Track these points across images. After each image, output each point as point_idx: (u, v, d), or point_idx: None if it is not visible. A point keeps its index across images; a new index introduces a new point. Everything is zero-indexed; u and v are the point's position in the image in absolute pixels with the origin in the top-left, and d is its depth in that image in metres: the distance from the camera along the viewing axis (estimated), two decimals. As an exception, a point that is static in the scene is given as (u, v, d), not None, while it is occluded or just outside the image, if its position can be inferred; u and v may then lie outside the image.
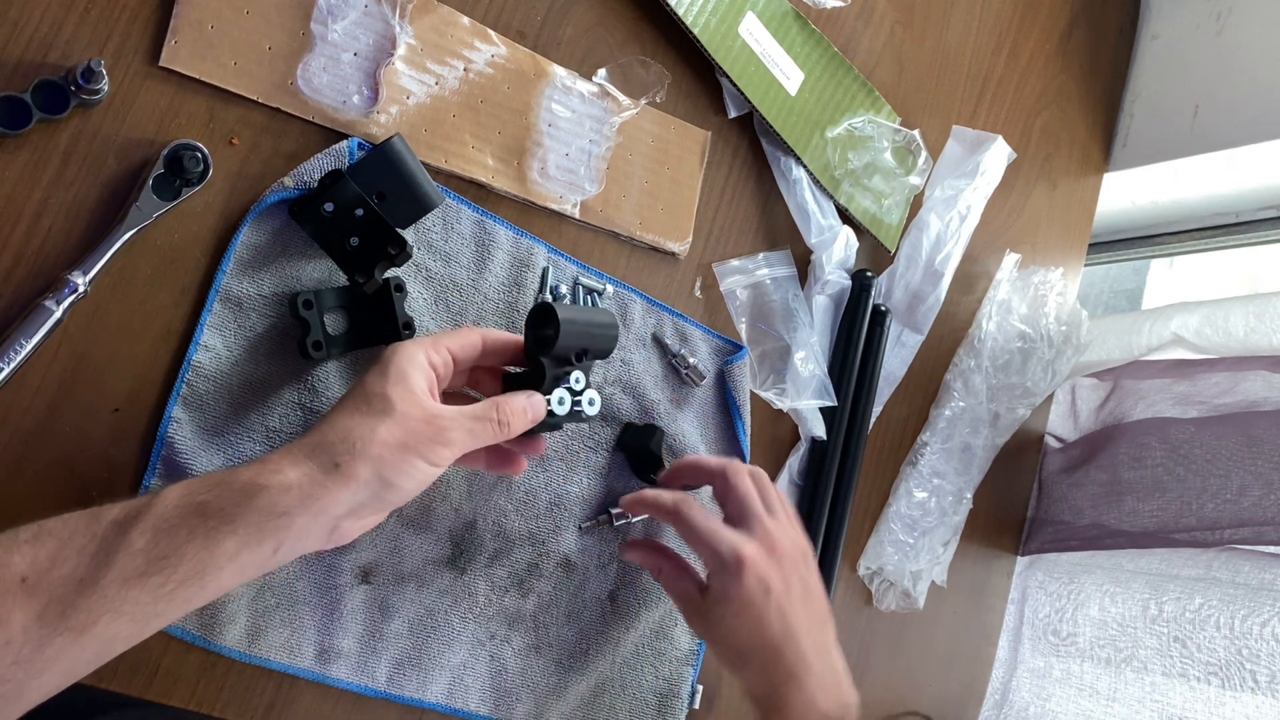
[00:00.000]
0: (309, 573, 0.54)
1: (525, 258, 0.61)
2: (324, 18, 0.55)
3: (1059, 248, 0.97)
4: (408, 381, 0.45)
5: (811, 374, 0.72)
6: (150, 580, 0.38)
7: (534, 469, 0.62)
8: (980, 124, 0.89)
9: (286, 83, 0.54)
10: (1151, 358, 0.92)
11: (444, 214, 0.59)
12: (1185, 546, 0.82)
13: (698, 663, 0.69)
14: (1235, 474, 0.79)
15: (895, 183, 0.78)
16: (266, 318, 0.53)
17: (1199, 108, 0.96)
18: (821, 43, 0.75)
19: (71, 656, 0.37)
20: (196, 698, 0.52)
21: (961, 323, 0.87)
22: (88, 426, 0.49)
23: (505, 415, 0.48)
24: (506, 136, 0.61)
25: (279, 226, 0.53)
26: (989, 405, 0.86)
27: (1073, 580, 0.92)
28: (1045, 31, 0.95)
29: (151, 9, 0.51)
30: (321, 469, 0.42)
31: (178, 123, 0.51)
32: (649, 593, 0.66)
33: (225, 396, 0.52)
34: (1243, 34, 0.94)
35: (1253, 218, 1.02)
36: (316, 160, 0.54)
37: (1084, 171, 1.00)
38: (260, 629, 0.53)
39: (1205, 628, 0.80)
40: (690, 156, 0.69)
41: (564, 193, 0.63)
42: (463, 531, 0.59)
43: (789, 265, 0.74)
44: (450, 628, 0.58)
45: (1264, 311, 0.81)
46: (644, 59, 0.67)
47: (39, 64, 0.48)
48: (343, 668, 0.55)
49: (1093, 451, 0.92)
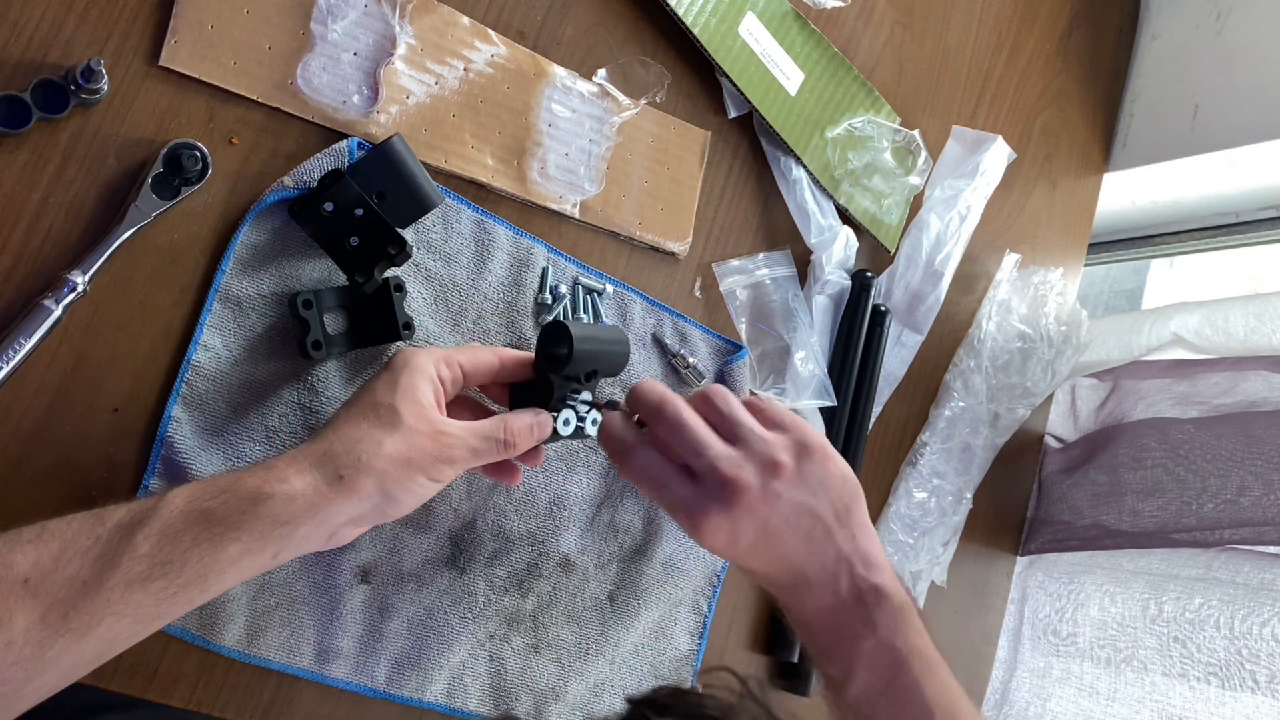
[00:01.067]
0: (308, 573, 0.54)
1: (525, 258, 0.61)
2: (324, 17, 0.55)
3: (1059, 248, 0.97)
4: (416, 394, 0.46)
5: (811, 374, 0.72)
6: (154, 584, 0.38)
7: (534, 469, 0.62)
8: (980, 124, 0.89)
9: (286, 82, 0.54)
10: (1151, 358, 0.92)
11: (444, 214, 0.59)
12: (1185, 546, 0.82)
13: (697, 663, 0.69)
14: (1235, 474, 0.79)
15: (895, 183, 0.78)
16: (266, 317, 0.53)
17: (1199, 108, 0.96)
18: (821, 43, 0.75)
19: (72, 657, 0.37)
20: (196, 698, 0.52)
21: (961, 323, 0.87)
22: (88, 426, 0.49)
23: (512, 436, 0.49)
24: (506, 136, 0.61)
25: (279, 226, 0.53)
26: (989, 405, 0.86)
27: (1073, 580, 0.92)
28: (1045, 31, 0.95)
29: (151, 9, 0.51)
30: (326, 480, 0.42)
31: (177, 122, 0.51)
32: (649, 592, 0.66)
33: (225, 396, 0.52)
34: (1243, 34, 0.94)
35: (1253, 218, 1.02)
36: (316, 160, 0.54)
37: (1084, 171, 1.00)
38: (260, 629, 0.53)
39: (1205, 628, 0.80)
40: (690, 156, 0.69)
41: (564, 193, 0.63)
42: (462, 531, 0.59)
43: (789, 265, 0.74)
44: (450, 627, 0.58)
45: (1264, 311, 0.81)
46: (644, 59, 0.67)
47: (39, 63, 0.48)
48: (342, 667, 0.55)
49: (1093, 451, 0.92)
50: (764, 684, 0.42)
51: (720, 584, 0.70)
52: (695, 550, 0.68)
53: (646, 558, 0.66)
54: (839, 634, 0.50)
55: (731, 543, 0.49)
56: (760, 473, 0.49)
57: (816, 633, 0.51)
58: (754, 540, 0.49)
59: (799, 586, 0.51)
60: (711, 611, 0.69)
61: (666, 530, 0.66)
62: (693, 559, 0.68)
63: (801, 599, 0.51)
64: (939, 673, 0.49)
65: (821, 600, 0.50)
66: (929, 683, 0.48)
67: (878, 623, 0.49)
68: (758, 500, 0.49)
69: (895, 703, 0.48)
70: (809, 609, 0.51)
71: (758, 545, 0.49)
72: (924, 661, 0.48)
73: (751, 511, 0.48)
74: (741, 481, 0.48)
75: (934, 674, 0.48)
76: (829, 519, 0.50)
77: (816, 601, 0.50)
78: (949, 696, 0.48)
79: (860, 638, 0.49)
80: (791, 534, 0.50)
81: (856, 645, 0.49)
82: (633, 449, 0.50)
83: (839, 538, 0.50)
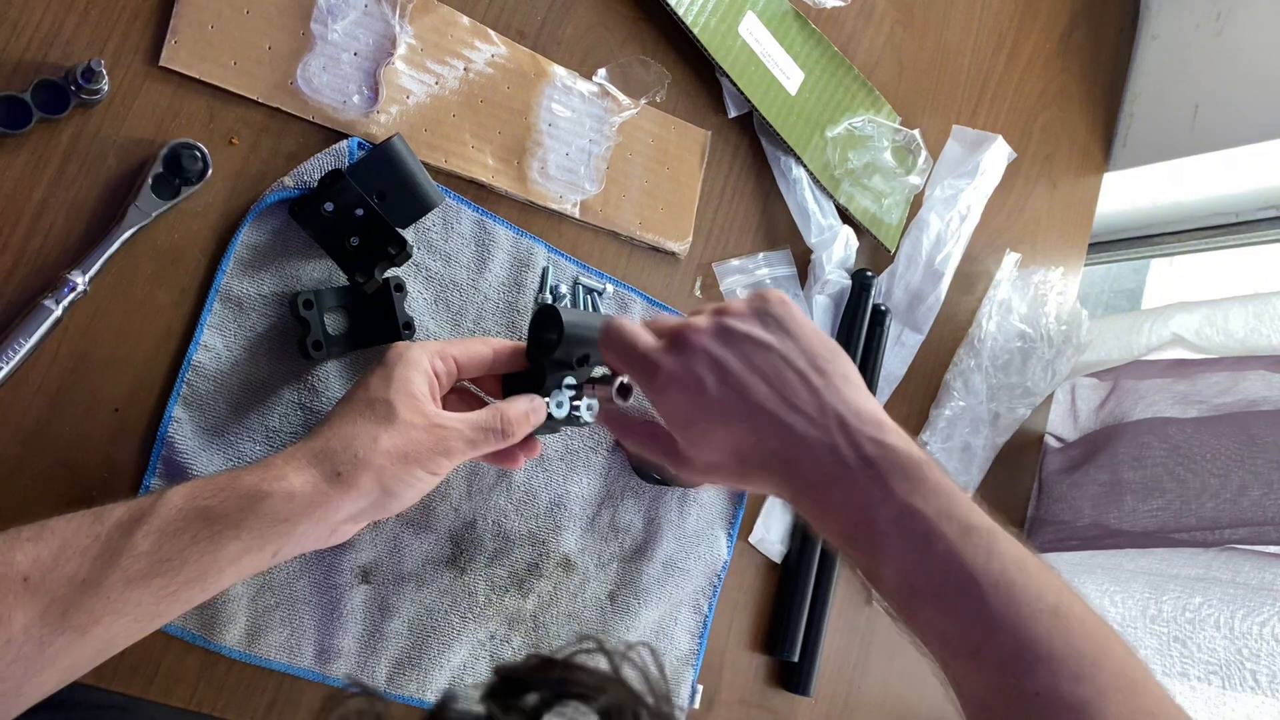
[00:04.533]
0: (309, 572, 0.54)
1: (525, 257, 0.61)
2: (324, 17, 0.55)
3: (1059, 247, 0.97)
4: (410, 387, 0.46)
5: (811, 374, 0.72)
6: (153, 582, 0.38)
7: (534, 469, 0.62)
8: (980, 124, 0.89)
9: (286, 82, 0.54)
10: (1151, 357, 0.92)
11: (444, 214, 0.59)
12: (1185, 546, 0.82)
13: (698, 663, 0.69)
14: (1235, 474, 0.79)
15: (895, 182, 0.78)
16: (266, 318, 0.53)
17: (1199, 108, 0.96)
18: (821, 42, 0.75)
19: (72, 655, 0.37)
20: (196, 698, 0.52)
21: (961, 322, 0.87)
22: (88, 426, 0.49)
23: (508, 425, 0.48)
24: (506, 136, 0.61)
25: (279, 226, 0.53)
26: (989, 405, 0.86)
27: (1073, 580, 0.91)
28: (1045, 31, 0.95)
29: (151, 9, 0.51)
30: (324, 477, 0.42)
31: (178, 122, 0.51)
32: (649, 592, 0.66)
33: (225, 396, 0.52)
34: (1243, 34, 0.94)
35: (1253, 218, 1.02)
36: (316, 160, 0.54)
37: (1084, 171, 1.00)
38: (260, 629, 0.53)
39: (1205, 627, 0.80)
40: (690, 156, 0.69)
41: (564, 192, 0.63)
42: (463, 531, 0.59)
43: (789, 265, 0.74)
44: (450, 627, 0.58)
45: (1264, 311, 0.81)
46: (644, 59, 0.67)
47: (39, 64, 0.48)
48: (343, 667, 0.55)
49: (1093, 451, 0.92)
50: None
51: (720, 584, 0.70)
52: (695, 550, 0.68)
53: (647, 557, 0.66)
54: (853, 509, 0.41)
55: (698, 396, 0.43)
56: (711, 315, 0.45)
57: (833, 517, 0.43)
58: (720, 395, 0.43)
59: (794, 452, 0.43)
60: (712, 611, 0.69)
61: (667, 530, 0.66)
62: (693, 559, 0.68)
63: (804, 472, 0.43)
64: (984, 537, 0.39)
65: (823, 467, 0.42)
66: (970, 549, 0.39)
67: (892, 485, 0.40)
68: (710, 339, 0.44)
69: (934, 581, 0.39)
70: (815, 484, 0.43)
71: (727, 401, 0.43)
72: (960, 525, 0.40)
73: (707, 353, 0.43)
74: (691, 324, 0.45)
75: (975, 538, 0.39)
76: (801, 364, 0.43)
77: (819, 471, 0.42)
78: (1000, 564, 0.38)
79: (874, 506, 0.40)
80: (759, 380, 0.43)
81: (874, 517, 0.41)
82: (619, 321, 0.48)
83: (817, 384, 0.43)
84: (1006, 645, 0.37)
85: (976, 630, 0.38)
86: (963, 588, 0.39)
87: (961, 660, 0.39)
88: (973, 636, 0.38)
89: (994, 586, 0.38)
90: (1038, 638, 0.37)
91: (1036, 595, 0.38)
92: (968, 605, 0.38)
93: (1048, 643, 0.37)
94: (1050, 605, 0.38)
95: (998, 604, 0.38)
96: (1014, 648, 0.37)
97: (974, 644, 0.38)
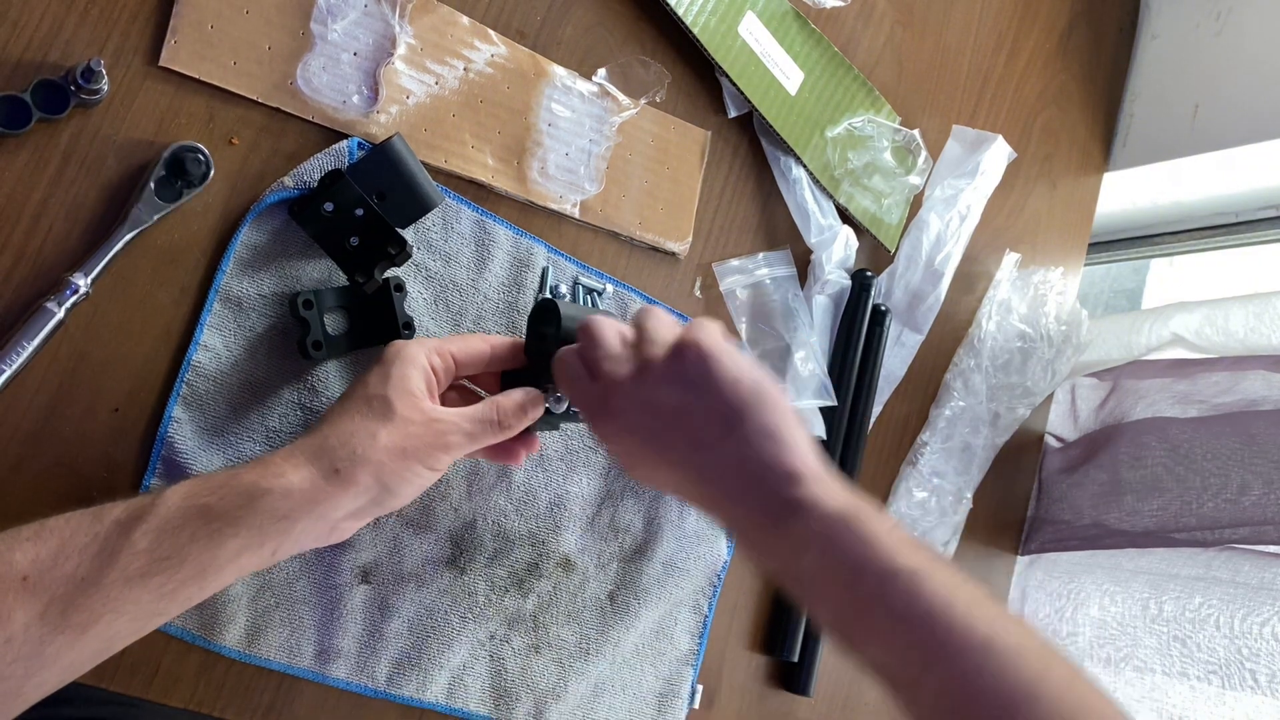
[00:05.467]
0: (309, 573, 0.54)
1: (525, 257, 0.61)
2: (324, 17, 0.55)
3: (1059, 247, 0.97)
4: (408, 384, 0.46)
5: (811, 374, 0.72)
6: (152, 580, 0.38)
7: (534, 469, 0.62)
8: (980, 124, 0.89)
9: (286, 82, 0.54)
10: (1151, 357, 0.92)
11: (444, 214, 0.59)
12: (1185, 546, 0.82)
13: (698, 663, 0.69)
14: (1235, 473, 0.79)
15: (895, 182, 0.78)
16: (266, 318, 0.53)
17: (1199, 108, 0.96)
18: (821, 42, 0.75)
19: (72, 654, 0.37)
20: (196, 698, 0.52)
21: (961, 322, 0.87)
22: (88, 426, 0.49)
23: (504, 416, 0.49)
24: (506, 136, 0.61)
25: (279, 226, 0.54)
26: (989, 405, 0.87)
27: (1072, 580, 0.92)
28: (1045, 31, 0.95)
29: (151, 9, 0.51)
30: (323, 474, 0.42)
31: (178, 122, 0.51)
32: (649, 592, 0.66)
33: (225, 396, 0.52)
34: (1243, 34, 0.94)
35: (1253, 218, 1.02)
36: (316, 160, 0.54)
37: (1084, 171, 1.00)
38: (260, 629, 0.53)
39: (1205, 627, 0.80)
40: (690, 156, 0.69)
41: (564, 192, 0.63)
42: (463, 531, 0.59)
43: (789, 265, 0.74)
44: (450, 627, 0.58)
45: (1264, 311, 0.81)
46: (644, 59, 0.67)
47: (39, 64, 0.48)
48: (342, 667, 0.55)
49: (1093, 451, 0.92)
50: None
51: (720, 584, 0.70)
52: (695, 550, 0.68)
53: (647, 557, 0.66)
54: (778, 558, 0.43)
55: (626, 456, 0.47)
56: (634, 370, 0.46)
57: (761, 561, 0.45)
58: (644, 456, 0.46)
59: (717, 506, 0.45)
60: (712, 611, 0.69)
61: (667, 530, 0.66)
62: (693, 559, 0.68)
63: (731, 521, 0.44)
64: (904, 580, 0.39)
65: (742, 520, 0.44)
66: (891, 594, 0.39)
67: (807, 540, 0.41)
68: (626, 397, 0.45)
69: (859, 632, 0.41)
70: (741, 532, 0.44)
71: (652, 460, 0.45)
72: (878, 573, 0.39)
73: (624, 413, 0.45)
74: (613, 376, 0.45)
75: (897, 583, 0.39)
76: (713, 423, 0.43)
77: (740, 523, 0.44)
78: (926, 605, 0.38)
79: (797, 555, 0.41)
80: (674, 436, 0.44)
81: (795, 568, 0.42)
82: (566, 358, 0.48)
83: (729, 443, 0.43)
84: (933, 685, 0.38)
85: (912, 668, 0.39)
86: (882, 635, 0.39)
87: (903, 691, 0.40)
88: (908, 675, 0.39)
89: (919, 627, 0.38)
90: (966, 672, 0.37)
91: (964, 631, 0.38)
92: (894, 645, 0.39)
93: (976, 678, 0.37)
94: (981, 639, 0.37)
95: (925, 643, 0.38)
96: (941, 686, 0.37)
97: (911, 679, 0.39)
